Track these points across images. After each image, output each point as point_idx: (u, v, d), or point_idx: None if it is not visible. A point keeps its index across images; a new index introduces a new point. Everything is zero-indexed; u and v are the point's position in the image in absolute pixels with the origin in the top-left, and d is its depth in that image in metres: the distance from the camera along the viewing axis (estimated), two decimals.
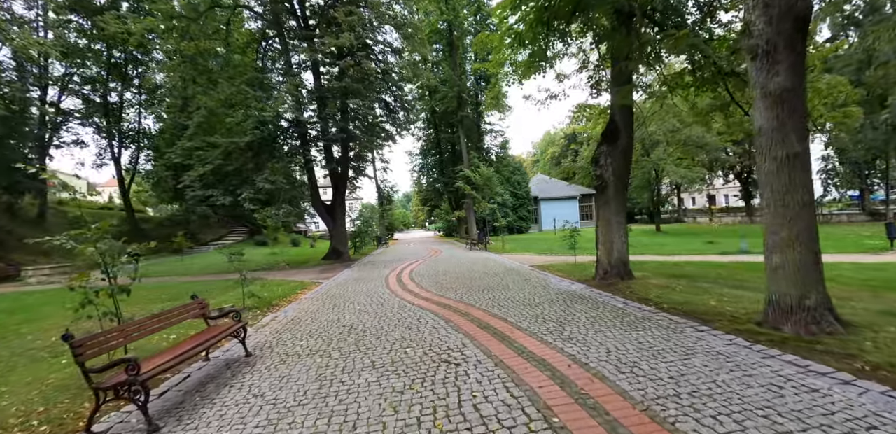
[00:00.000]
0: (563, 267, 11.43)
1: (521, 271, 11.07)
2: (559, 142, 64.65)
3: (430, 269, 12.71)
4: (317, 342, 5.28)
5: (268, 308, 8.42)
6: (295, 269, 16.77)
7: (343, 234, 18.84)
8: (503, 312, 6.10)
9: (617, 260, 8.44)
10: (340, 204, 18.69)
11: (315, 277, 13.11)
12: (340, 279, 11.96)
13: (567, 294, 7.46)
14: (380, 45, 17.88)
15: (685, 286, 7.82)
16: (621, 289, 7.73)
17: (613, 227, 8.44)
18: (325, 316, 6.90)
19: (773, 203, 4.66)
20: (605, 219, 8.55)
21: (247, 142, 14.43)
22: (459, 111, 26.53)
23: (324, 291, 9.79)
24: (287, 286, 11.35)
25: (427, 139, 34.77)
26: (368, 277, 11.78)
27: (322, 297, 8.86)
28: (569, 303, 6.67)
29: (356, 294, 8.86)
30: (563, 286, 8.37)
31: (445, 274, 11.30)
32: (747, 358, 3.84)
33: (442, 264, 14.24)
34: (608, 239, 8.50)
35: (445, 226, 44.17)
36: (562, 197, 41.62)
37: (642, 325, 5.10)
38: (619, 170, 8.47)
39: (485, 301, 7.09)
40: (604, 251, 8.58)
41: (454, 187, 29.29)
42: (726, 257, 13.50)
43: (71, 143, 30.54)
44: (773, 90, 4.56)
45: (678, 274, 9.59)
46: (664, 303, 6.40)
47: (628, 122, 8.56)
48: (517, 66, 10.28)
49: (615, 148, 8.45)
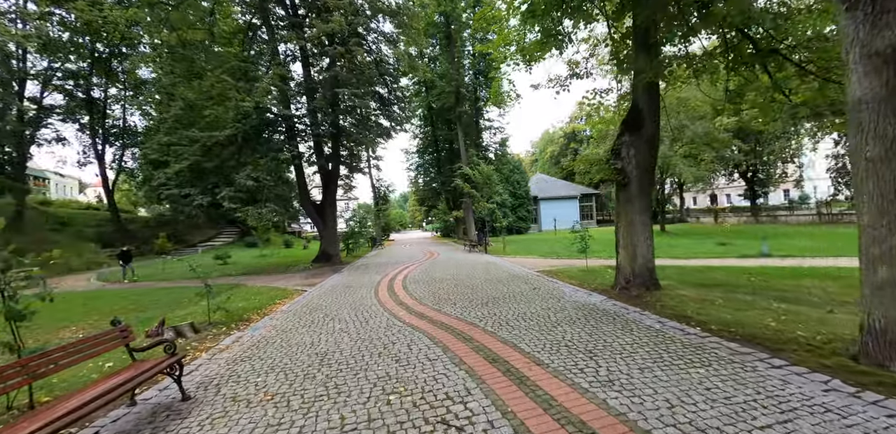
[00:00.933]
0: (573, 273, 10.28)
1: (528, 278, 9.90)
2: (558, 141, 63.64)
3: (426, 275, 11.53)
4: (277, 379, 4.09)
5: (236, 324, 7.23)
6: (280, 273, 15.56)
7: (334, 236, 17.64)
8: (514, 336, 4.92)
9: (641, 267, 7.29)
10: (331, 204, 17.49)
11: (299, 284, 11.92)
12: (327, 286, 10.77)
13: (587, 309, 6.30)
14: (373, 35, 16.71)
15: (724, 298, 6.68)
16: (650, 302, 6.58)
17: (637, 229, 7.29)
18: (298, 337, 5.71)
19: (876, 199, 3.52)
20: (628, 219, 7.39)
21: (227, 136, 13.21)
22: (457, 107, 25.38)
23: (305, 302, 8.59)
24: (266, 295, 10.17)
25: (424, 137, 33.56)
26: (357, 284, 10.58)
27: (300, 311, 7.67)
28: (592, 322, 5.50)
29: (340, 307, 7.66)
30: (579, 298, 7.21)
31: (443, 281, 10.11)
32: (869, 417, 2.69)
33: (439, 269, 13.07)
34: (631, 242, 7.34)
35: (443, 226, 43.00)
36: (562, 197, 40.57)
37: (697, 358, 3.94)
38: (644, 162, 7.33)
39: (490, 319, 5.91)
40: (625, 256, 7.42)
41: (452, 186, 28.12)
42: (747, 261, 12.40)
43: (52, 140, 29.28)
44: (880, 48, 3.41)
45: (707, 282, 8.45)
46: (710, 322, 5.25)
47: (654, 107, 7.41)
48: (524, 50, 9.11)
49: (639, 137, 7.30)
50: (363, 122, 16.34)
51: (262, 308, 8.47)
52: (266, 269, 17.29)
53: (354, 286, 10.28)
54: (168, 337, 5.84)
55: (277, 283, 12.40)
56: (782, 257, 12.97)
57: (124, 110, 32.25)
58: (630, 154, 7.31)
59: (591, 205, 43.59)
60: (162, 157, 14.87)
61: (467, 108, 25.85)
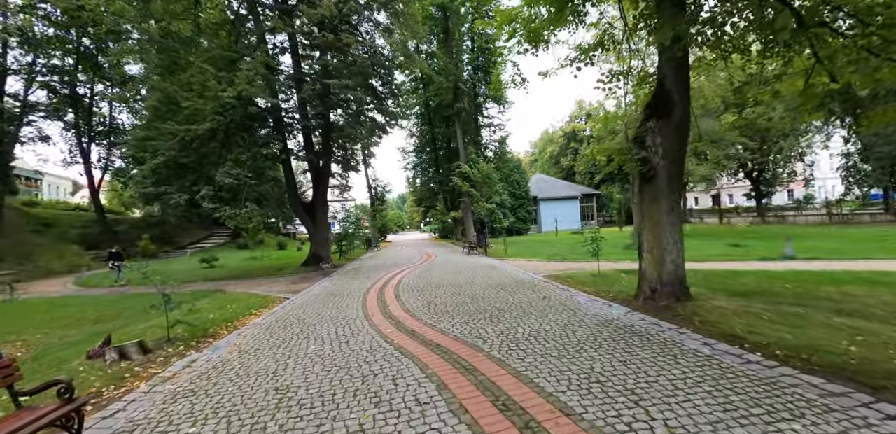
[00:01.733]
0: (584, 278, 9.25)
1: (535, 285, 8.87)
2: (558, 140, 62.73)
3: (422, 281, 10.49)
4: (216, 431, 3.05)
5: (199, 340, 6.18)
6: (266, 278, 14.51)
7: (325, 238, 16.59)
8: (529, 366, 3.88)
9: (670, 274, 6.26)
10: (322, 203, 16.44)
11: (283, 290, 10.87)
12: (311, 293, 9.71)
13: (612, 325, 5.26)
14: (366, 24, 15.70)
15: (769, 311, 5.66)
16: (684, 316, 5.56)
17: (665, 230, 6.27)
18: (262, 362, 4.67)
19: None
20: (654, 219, 6.37)
21: (207, 129, 12.16)
22: (456, 103, 24.36)
23: (283, 313, 7.55)
24: (243, 303, 9.13)
25: (421, 135, 32.53)
26: (345, 291, 9.53)
27: (275, 325, 6.62)
28: (623, 343, 4.47)
29: (320, 320, 6.61)
30: (598, 310, 6.18)
31: (440, 288, 9.06)
32: None
33: (436, 273, 12.03)
34: (657, 245, 6.32)
35: (441, 227, 41.97)
36: (562, 197, 39.66)
37: (780, 403, 2.91)
38: (673, 152, 6.31)
39: (496, 339, 4.87)
40: (651, 262, 6.40)
41: (450, 186, 27.11)
42: (772, 264, 11.41)
43: (36, 138, 28.19)
44: None
45: (739, 290, 7.43)
46: (769, 344, 4.24)
47: (683, 87, 6.40)
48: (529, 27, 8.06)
49: (667, 123, 6.28)
50: (355, 116, 15.31)
51: (234, 320, 7.43)
52: (253, 273, 16.24)
53: (342, 294, 9.23)
54: (65, 381, 4.81)
55: (260, 289, 11.36)
56: (808, 260, 12.00)
57: (111, 107, 31.17)
58: (656, 142, 6.30)
59: (592, 205, 42.67)
60: (138, 153, 13.80)
61: (466, 105, 24.84)
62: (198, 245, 33.65)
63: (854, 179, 27.01)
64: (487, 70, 25.75)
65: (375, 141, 17.15)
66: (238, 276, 15.59)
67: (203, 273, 17.71)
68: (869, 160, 23.26)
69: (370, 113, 15.93)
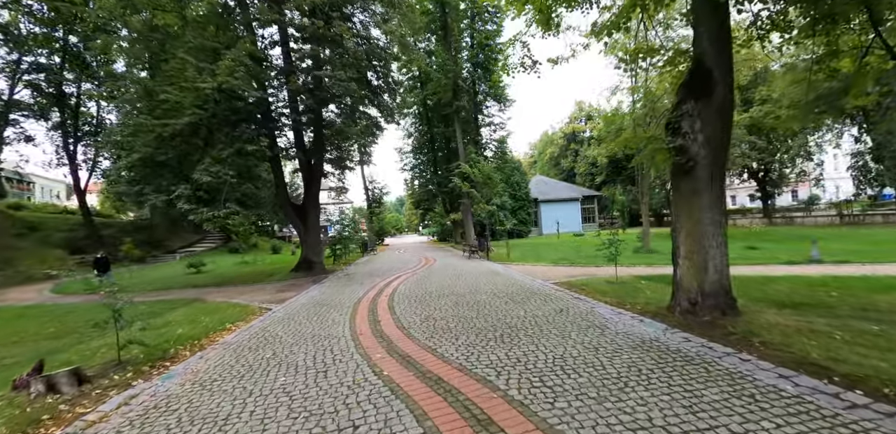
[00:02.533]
0: (601, 286, 8.26)
1: (547, 293, 7.88)
2: (558, 142, 61.89)
3: (420, 289, 9.48)
4: None
5: (155, 364, 5.18)
6: (253, 284, 13.48)
7: (317, 241, 15.58)
8: (565, 416, 2.87)
9: (714, 284, 5.29)
10: (314, 205, 15.43)
11: (267, 299, 9.85)
12: (297, 303, 8.70)
13: (654, 349, 4.27)
14: (360, 15, 14.77)
15: (836, 327, 4.70)
16: (739, 335, 4.58)
17: (707, 232, 5.30)
18: (214, 400, 3.67)
19: None
20: (693, 217, 5.40)
21: (185, 124, 11.17)
22: (455, 101, 23.44)
23: (260, 328, 6.54)
24: (219, 315, 8.13)
25: (419, 135, 31.57)
26: (334, 301, 8.52)
27: (245, 345, 5.61)
28: (677, 377, 3.48)
29: (299, 339, 5.61)
30: (630, 327, 5.19)
31: (440, 298, 8.05)
32: None
33: (435, 280, 11.03)
34: (697, 249, 5.35)
35: (440, 230, 40.97)
36: (563, 199, 38.77)
37: None
38: (716, 139, 5.36)
39: (513, 370, 3.86)
40: (690, 269, 5.42)
41: (449, 187, 26.15)
42: (800, 268, 10.48)
43: (19, 139, 27.21)
44: None
45: (787, 300, 6.45)
46: (865, 376, 3.28)
47: (726, 63, 5.46)
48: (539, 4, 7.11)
49: (707, 105, 5.33)
50: (349, 112, 14.35)
51: (204, 336, 6.42)
52: (240, 279, 15.20)
53: (330, 304, 8.22)
54: None
55: (242, 298, 10.35)
56: (836, 263, 11.09)
57: (98, 107, 30.14)
58: (695, 128, 5.34)
59: (593, 207, 41.79)
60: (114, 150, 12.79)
61: (465, 103, 23.92)
62: (188, 249, 32.55)
63: (865, 179, 26.15)
64: (487, 67, 24.86)
65: (371, 140, 16.18)
66: (224, 283, 14.57)
67: (188, 279, 16.68)
68: (883, 160, 22.40)
69: (365, 108, 14.96)
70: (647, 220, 17.32)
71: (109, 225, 33.23)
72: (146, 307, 10.01)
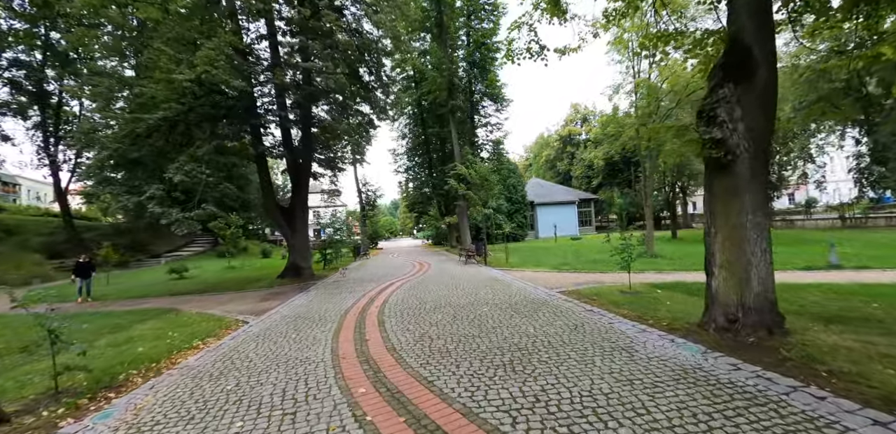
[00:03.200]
0: (613, 296, 7.48)
1: (555, 305, 7.08)
2: (554, 144, 61.45)
3: (414, 299, 8.63)
4: None
5: (97, 394, 4.33)
6: (234, 292, 12.57)
7: (305, 246, 14.68)
8: None
9: (759, 298, 4.52)
10: (301, 207, 14.54)
11: (246, 310, 8.98)
12: (278, 316, 7.84)
13: (701, 381, 3.48)
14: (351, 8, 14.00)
15: None
16: (796, 360, 3.81)
17: (749, 237, 4.54)
18: None
19: None
20: (732, 220, 4.64)
21: (160, 119, 10.30)
22: (450, 100, 22.72)
23: (229, 348, 5.68)
24: (189, 329, 7.27)
25: (413, 136, 30.78)
26: (318, 314, 7.66)
27: (207, 371, 4.75)
28: (744, 425, 2.69)
29: (271, 364, 4.75)
30: (660, 349, 4.40)
31: (436, 310, 7.22)
32: None
33: (431, 288, 10.19)
34: (737, 257, 4.59)
35: (435, 234, 40.12)
36: (559, 202, 38.16)
37: None
38: (759, 129, 4.61)
39: (531, 414, 3.04)
40: (728, 280, 4.65)
41: (444, 189, 25.36)
42: (818, 274, 9.82)
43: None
44: None
45: (829, 313, 5.70)
46: None
47: (767, 41, 4.72)
48: None
49: (748, 89, 4.59)
50: (340, 108, 13.54)
51: (165, 357, 5.55)
52: (223, 286, 14.26)
53: (312, 317, 7.36)
54: None
55: (220, 309, 9.46)
56: (856, 269, 10.45)
57: (81, 106, 29.04)
58: (735, 116, 4.59)
59: (590, 210, 41.24)
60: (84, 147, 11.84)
61: (461, 103, 23.20)
62: (175, 253, 31.46)
63: (867, 181, 25.73)
64: (484, 66, 24.17)
65: (363, 138, 15.36)
66: (206, 290, 13.63)
67: (169, 286, 15.70)
68: (888, 162, 21.94)
69: (357, 105, 14.15)
70: (650, 223, 16.63)
71: (92, 228, 32.02)
72: (113, 319, 9.11)
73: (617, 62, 16.92)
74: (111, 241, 27.82)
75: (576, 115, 59.77)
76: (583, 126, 58.81)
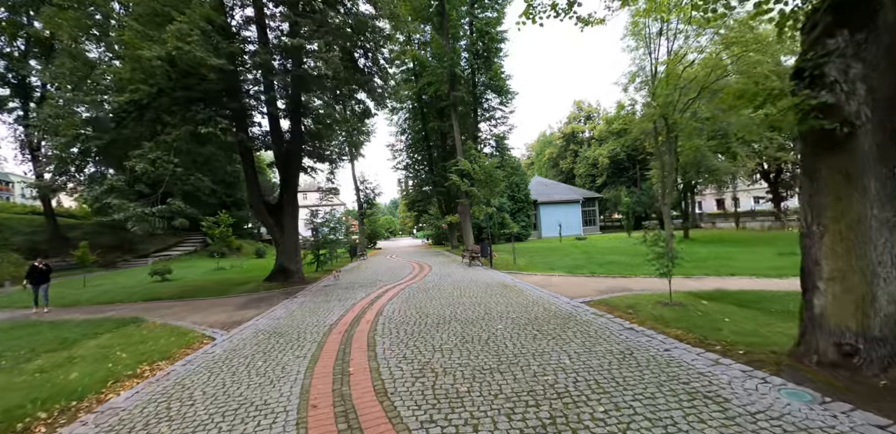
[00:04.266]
0: (653, 309, 6.21)
1: (587, 321, 5.82)
2: (556, 142, 60.24)
3: (413, 310, 7.37)
4: None
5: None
6: (213, 297, 11.33)
7: (294, 246, 13.41)
8: None
9: (887, 320, 3.29)
10: (291, 204, 13.26)
11: (218, 322, 7.73)
12: (249, 332, 6.58)
13: None
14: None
15: None
16: None
17: (873, 238, 3.30)
18: None
19: None
20: (849, 215, 3.39)
21: (125, 102, 9.02)
22: (452, 92, 21.44)
23: (172, 382, 4.42)
24: (144, 347, 6.07)
25: (413, 132, 29.47)
26: (297, 330, 6.40)
27: (131, 420, 3.50)
28: None
29: (216, 410, 3.49)
30: (759, 397, 3.14)
31: (440, 327, 5.95)
32: None
33: (433, 296, 8.93)
34: (855, 266, 3.35)
35: (435, 233, 38.85)
36: (563, 201, 36.96)
37: None
38: (885, 91, 3.37)
39: None
40: (842, 297, 3.41)
41: (445, 186, 24.11)
42: None
43: None
44: None
45: None
46: None
47: None
48: None
49: (871, 37, 3.34)
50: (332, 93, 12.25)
51: (92, 392, 4.31)
52: (204, 290, 13.00)
53: (290, 335, 6.10)
54: None
55: (191, 319, 8.22)
56: None
57: None
58: (851, 75, 3.35)
59: (594, 209, 40.02)
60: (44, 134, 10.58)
61: (463, 94, 21.92)
62: (164, 253, 30.18)
63: None
64: (488, 57, 22.87)
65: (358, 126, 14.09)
66: (185, 295, 12.40)
67: (148, 289, 14.45)
68: None
69: (353, 93, 12.85)
70: (669, 222, 15.40)
71: (77, 226, 30.71)
72: (64, 331, 7.87)
73: (632, 49, 15.68)
74: (96, 240, 26.60)
75: (579, 112, 58.54)
76: (586, 124, 57.58)
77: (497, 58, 23.26)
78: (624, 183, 47.75)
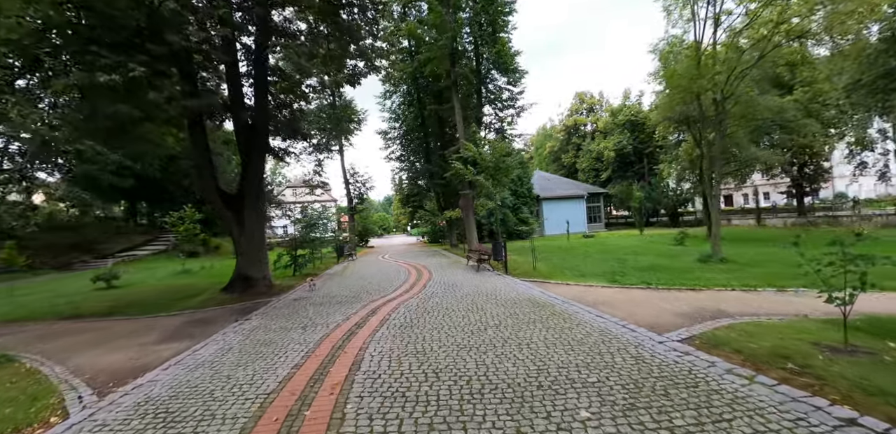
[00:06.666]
0: (819, 359, 3.56)
1: (714, 390, 3.15)
2: (557, 136, 57.67)
3: (416, 361, 4.64)
4: None
5: None
6: (144, 316, 8.54)
7: (257, 248, 10.61)
8: None
9: None
10: (253, 194, 10.45)
11: (114, 367, 4.99)
12: (131, 401, 3.81)
13: None
14: None
15: None
16: None
17: None
18: None
19: None
20: None
21: None
22: (453, 69, 18.64)
23: None
24: None
25: (408, 118, 26.59)
26: (204, 409, 3.68)
27: None
28: None
29: None
30: None
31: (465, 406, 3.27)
32: None
33: (442, 327, 6.20)
34: None
35: (432, 231, 36.03)
36: (566, 196, 34.41)
37: None
38: None
39: None
40: None
41: (444, 179, 21.32)
42: None
43: None
44: None
45: None
46: None
47: None
48: None
49: None
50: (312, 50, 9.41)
51: None
52: (142, 303, 10.19)
53: (191, 418, 3.37)
54: None
55: (78, 360, 5.46)
56: None
57: None
58: None
59: (599, 205, 37.49)
60: None
61: (466, 71, 19.14)
62: (130, 253, 27.13)
63: None
64: (494, 30, 20.06)
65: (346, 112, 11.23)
66: (114, 310, 9.59)
67: (78, 301, 11.60)
68: None
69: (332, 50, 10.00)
70: (717, 217, 12.79)
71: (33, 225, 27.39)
72: None
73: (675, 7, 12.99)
74: (44, 238, 23.44)
75: (581, 104, 55.94)
76: (589, 116, 55.02)
77: (504, 32, 20.45)
78: (630, 178, 45.30)
